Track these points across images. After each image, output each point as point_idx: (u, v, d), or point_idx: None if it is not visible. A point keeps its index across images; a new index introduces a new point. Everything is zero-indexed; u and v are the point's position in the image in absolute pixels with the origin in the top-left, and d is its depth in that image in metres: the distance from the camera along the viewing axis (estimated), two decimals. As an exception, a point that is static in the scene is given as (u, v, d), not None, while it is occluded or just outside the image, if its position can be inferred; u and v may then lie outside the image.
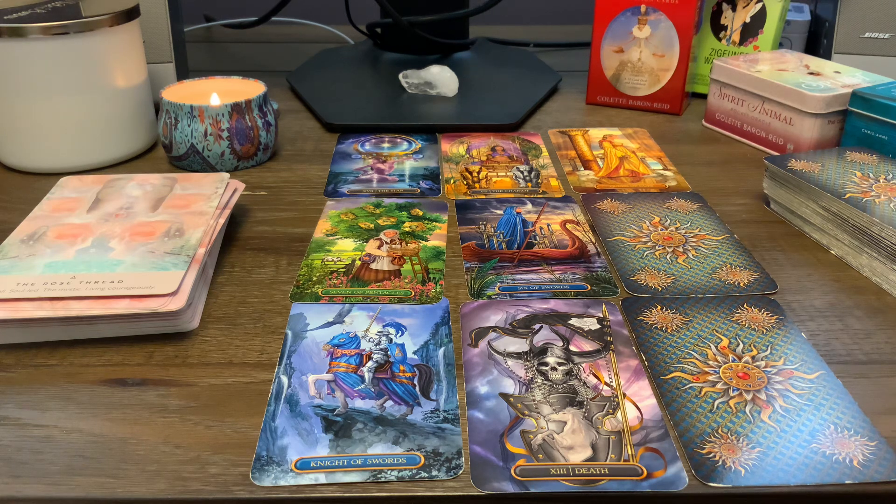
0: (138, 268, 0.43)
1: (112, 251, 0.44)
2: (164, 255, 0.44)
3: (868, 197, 0.49)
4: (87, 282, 0.41)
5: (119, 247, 0.45)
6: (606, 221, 0.55)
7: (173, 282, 0.41)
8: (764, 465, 0.33)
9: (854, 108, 0.62)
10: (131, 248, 0.45)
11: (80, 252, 0.44)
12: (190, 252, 0.44)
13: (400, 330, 0.43)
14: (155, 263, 0.43)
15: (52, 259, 0.44)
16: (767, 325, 0.43)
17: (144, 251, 0.44)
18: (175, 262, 0.43)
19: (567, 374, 0.39)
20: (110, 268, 0.43)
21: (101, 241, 0.46)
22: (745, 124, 0.70)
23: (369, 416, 0.36)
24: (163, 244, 0.45)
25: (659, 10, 0.75)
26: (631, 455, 0.34)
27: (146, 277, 0.42)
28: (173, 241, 0.45)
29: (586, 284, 0.47)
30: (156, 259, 0.44)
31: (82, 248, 0.45)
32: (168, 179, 0.54)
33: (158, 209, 0.50)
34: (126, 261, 0.43)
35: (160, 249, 0.45)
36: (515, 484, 0.32)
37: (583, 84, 0.84)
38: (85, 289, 0.41)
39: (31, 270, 0.43)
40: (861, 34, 0.80)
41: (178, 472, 0.33)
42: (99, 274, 0.42)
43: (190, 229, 0.47)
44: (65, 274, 0.42)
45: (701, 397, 0.37)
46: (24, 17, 0.59)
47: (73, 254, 0.44)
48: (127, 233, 0.47)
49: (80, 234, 0.47)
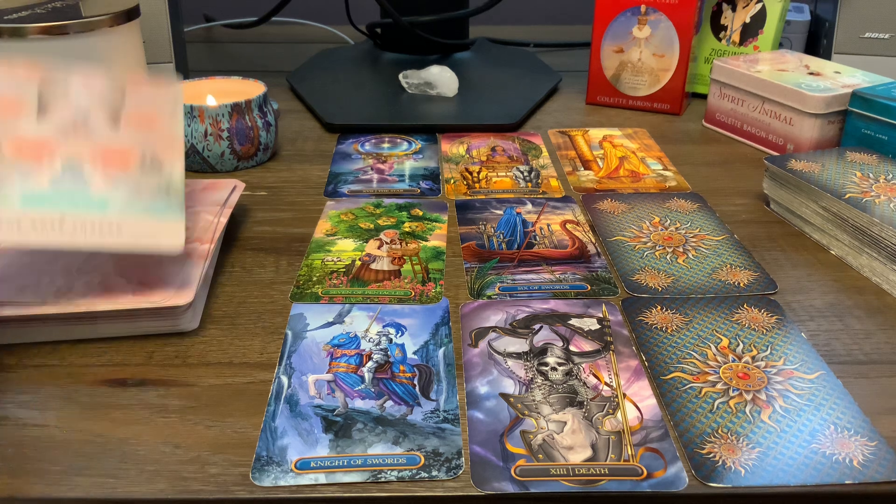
0: (129, 210, 0.40)
1: (90, 184, 0.41)
2: (152, 195, 0.41)
3: (868, 197, 0.49)
4: (79, 224, 0.39)
5: (95, 178, 0.41)
6: (606, 221, 0.55)
7: (176, 232, 0.40)
8: (764, 465, 0.33)
9: (854, 109, 0.62)
10: (110, 180, 0.41)
11: (55, 182, 0.40)
12: (178, 194, 0.42)
13: (400, 330, 0.43)
14: (145, 206, 0.41)
15: (27, 187, 0.39)
16: (767, 326, 0.43)
17: (127, 188, 0.41)
18: (168, 205, 0.41)
19: (567, 375, 0.39)
20: (98, 207, 0.40)
21: (72, 166, 0.41)
22: (745, 124, 0.70)
23: (369, 417, 0.36)
24: (144, 179, 0.42)
25: (659, 10, 0.75)
26: (631, 455, 0.34)
27: (144, 225, 0.40)
28: (154, 176, 0.42)
29: (586, 284, 0.47)
30: (144, 200, 0.41)
31: (54, 175, 0.40)
32: (113, 83, 0.45)
33: (119, 125, 0.43)
34: (111, 199, 0.40)
35: (144, 186, 0.41)
36: (515, 484, 0.32)
37: (583, 84, 0.84)
38: (80, 232, 0.38)
39: (7, 201, 0.39)
40: (861, 34, 0.80)
41: (178, 472, 0.33)
42: (89, 214, 0.39)
43: (166, 160, 0.43)
44: (51, 210, 0.39)
45: (701, 397, 0.37)
46: (24, 17, 0.59)
47: (47, 182, 0.40)
48: (98, 158, 0.41)
49: (44, 153, 0.41)
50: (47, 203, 0.39)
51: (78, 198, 0.40)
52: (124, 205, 0.40)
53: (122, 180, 0.41)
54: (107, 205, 0.40)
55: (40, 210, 0.39)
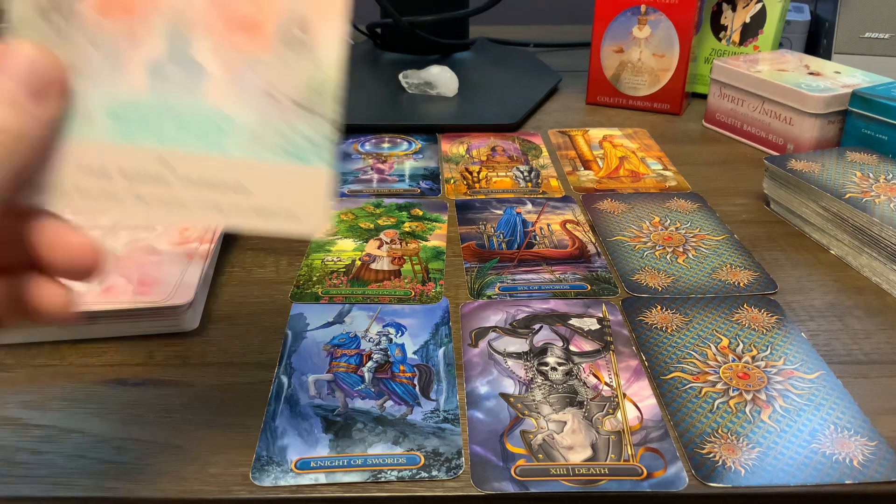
0: (260, 144, 0.25)
1: (204, 78, 0.25)
2: (295, 114, 0.25)
3: (868, 197, 0.49)
4: (186, 179, 0.25)
5: (212, 64, 0.25)
6: (606, 221, 0.55)
7: (319, 206, 0.26)
8: (764, 465, 0.33)
9: (854, 109, 0.62)
10: (234, 73, 0.25)
11: (155, 76, 0.25)
12: (331, 97, 0.26)
13: (400, 330, 0.43)
14: (285, 140, 0.25)
15: (116, 91, 0.25)
16: (767, 325, 0.43)
17: (259, 91, 0.25)
18: (313, 140, 0.25)
19: (567, 374, 0.39)
20: (216, 142, 0.25)
21: (179, 39, 0.25)
22: (745, 124, 0.70)
23: (369, 416, 0.36)
24: (285, 70, 0.25)
25: (659, 10, 0.75)
26: (631, 455, 0.34)
27: (280, 188, 0.25)
28: (300, 59, 0.25)
29: (586, 284, 0.47)
30: (285, 126, 0.25)
31: (153, 60, 0.25)
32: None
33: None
34: (236, 120, 0.25)
35: (284, 90, 0.25)
36: (515, 484, 0.32)
37: (583, 84, 0.84)
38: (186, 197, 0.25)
39: (89, 126, 0.24)
40: (861, 34, 0.80)
41: (178, 472, 0.33)
42: (202, 161, 0.25)
43: (319, 25, 0.25)
44: (149, 151, 0.25)
45: (701, 397, 0.37)
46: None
47: (144, 79, 0.25)
48: (215, 20, 0.25)
49: (138, 11, 0.25)
50: (143, 128, 0.25)
51: (187, 115, 0.25)
52: (254, 130, 0.25)
53: (251, 70, 0.25)
54: (229, 131, 0.25)
55: (133, 146, 0.25)
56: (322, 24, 0.25)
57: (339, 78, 0.25)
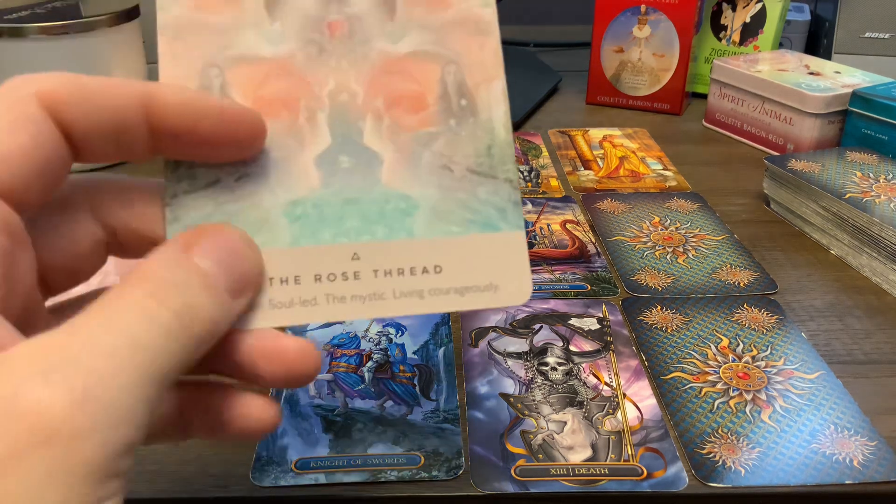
0: (447, 225, 0.24)
1: (377, 163, 0.24)
2: (474, 182, 0.24)
3: (868, 197, 0.49)
4: (382, 271, 0.23)
5: (383, 147, 0.24)
6: (606, 221, 0.55)
7: (518, 272, 0.24)
8: (764, 465, 0.33)
9: (854, 108, 0.62)
10: (406, 152, 0.24)
11: (326, 169, 0.23)
12: (505, 157, 0.24)
13: (400, 330, 0.43)
14: (469, 211, 0.24)
15: (290, 193, 0.23)
16: (767, 325, 0.43)
17: (434, 166, 0.24)
18: (497, 205, 0.24)
19: (567, 374, 0.39)
20: (402, 226, 0.23)
21: (346, 128, 0.24)
22: (745, 124, 0.70)
23: (369, 416, 0.36)
24: (455, 140, 0.24)
25: (659, 10, 0.75)
26: (631, 455, 0.34)
27: (474, 260, 0.24)
28: (468, 131, 0.24)
29: (586, 284, 0.47)
30: (465, 196, 0.24)
31: (321, 154, 0.23)
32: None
33: (396, 18, 0.25)
34: (417, 199, 0.24)
35: (458, 160, 0.24)
36: (515, 484, 0.32)
37: (583, 84, 0.84)
38: (384, 287, 0.23)
39: (272, 234, 0.23)
40: (861, 34, 0.80)
41: (178, 472, 0.33)
42: (391, 248, 0.23)
43: (478, 86, 0.24)
44: (337, 248, 0.23)
45: (701, 397, 0.37)
46: (24, 17, 0.59)
47: (315, 174, 0.23)
48: (383, 103, 0.24)
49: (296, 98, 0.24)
50: (326, 225, 0.23)
51: (366, 203, 0.23)
52: (437, 206, 0.24)
53: (422, 147, 0.24)
54: (412, 213, 0.24)
55: (320, 246, 0.23)
56: (481, 87, 0.24)
57: (508, 137, 0.24)
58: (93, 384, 0.16)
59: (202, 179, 0.22)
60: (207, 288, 0.19)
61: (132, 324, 0.18)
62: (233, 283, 0.20)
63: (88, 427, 0.16)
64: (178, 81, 0.22)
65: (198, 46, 0.23)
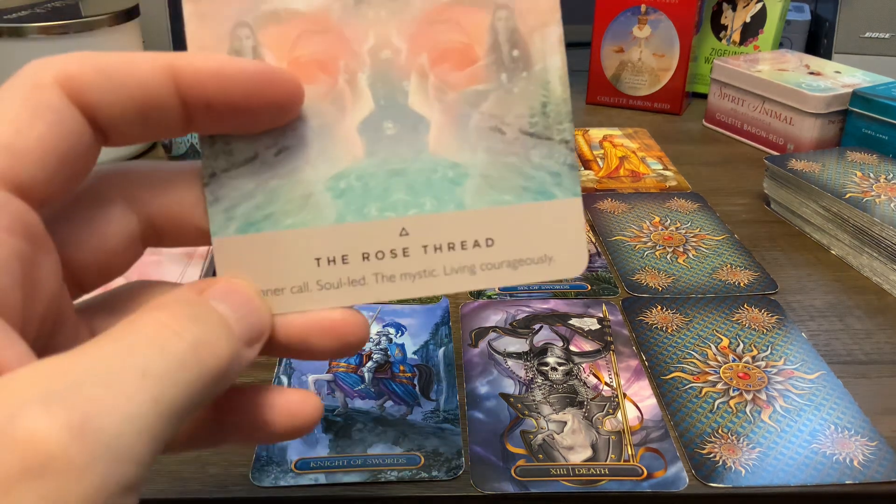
0: (498, 193, 0.22)
1: (424, 127, 0.22)
2: (526, 144, 0.22)
3: (868, 197, 0.49)
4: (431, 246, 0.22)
5: (430, 110, 0.22)
6: (606, 221, 0.55)
7: (574, 242, 0.22)
8: (764, 465, 0.33)
9: (854, 108, 0.62)
10: (453, 114, 0.22)
11: (370, 137, 0.22)
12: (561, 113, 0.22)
13: (400, 330, 0.43)
14: (522, 177, 0.22)
15: (333, 165, 0.21)
16: (768, 325, 0.43)
17: (483, 128, 0.22)
18: (551, 169, 0.22)
19: (567, 375, 0.39)
20: (451, 197, 0.22)
21: (389, 90, 0.22)
22: (745, 124, 0.70)
23: (369, 417, 0.36)
24: (506, 97, 0.22)
25: (659, 9, 0.75)
26: (631, 455, 0.34)
27: (528, 231, 0.22)
28: (520, 86, 0.22)
29: (586, 284, 0.47)
30: (518, 160, 0.22)
31: (364, 120, 0.22)
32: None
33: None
34: (466, 167, 0.22)
35: (510, 121, 0.22)
36: (515, 484, 0.32)
37: (583, 84, 0.84)
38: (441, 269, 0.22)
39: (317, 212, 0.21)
40: (861, 34, 0.80)
41: (177, 472, 0.33)
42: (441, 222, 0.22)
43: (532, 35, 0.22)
44: (384, 224, 0.21)
45: (701, 397, 0.37)
46: (24, 16, 0.59)
47: (359, 143, 0.22)
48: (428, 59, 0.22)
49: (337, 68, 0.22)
50: (371, 199, 0.22)
51: (413, 173, 0.22)
52: (488, 174, 0.22)
53: (471, 107, 0.22)
54: (462, 181, 0.22)
55: (367, 222, 0.21)
56: (535, 34, 0.22)
57: (565, 92, 0.22)
58: (94, 414, 0.15)
59: (240, 155, 0.21)
60: (223, 327, 0.19)
61: (144, 352, 0.16)
62: (246, 330, 0.20)
63: (85, 461, 0.14)
64: (207, 45, 0.21)
65: (226, 4, 0.21)
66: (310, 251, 0.21)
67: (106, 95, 0.18)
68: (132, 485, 0.15)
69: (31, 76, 0.18)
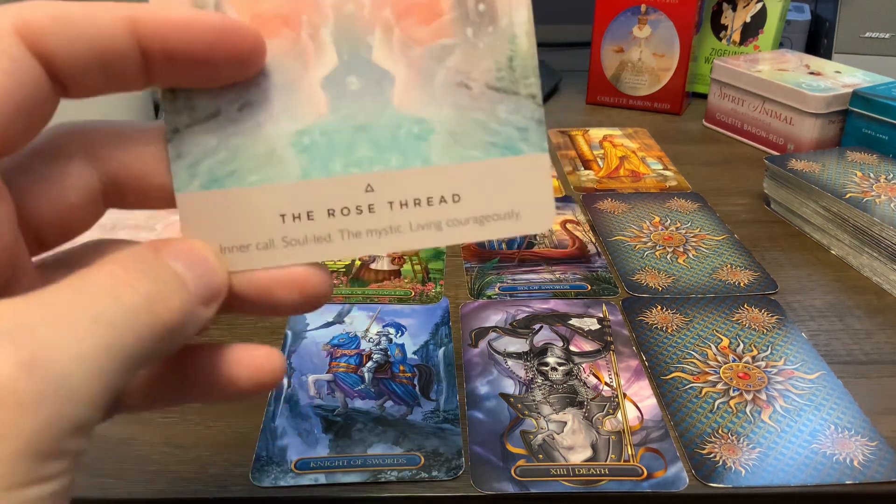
0: (465, 149, 0.22)
1: (388, 82, 0.22)
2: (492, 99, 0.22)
3: (868, 197, 0.49)
4: (397, 202, 0.22)
5: (394, 64, 0.22)
6: (606, 221, 0.55)
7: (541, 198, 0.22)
8: (764, 465, 0.33)
9: (854, 108, 0.62)
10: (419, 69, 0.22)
11: (333, 92, 0.21)
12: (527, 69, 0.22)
13: (400, 330, 0.43)
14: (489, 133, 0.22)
15: (297, 121, 0.21)
16: (768, 326, 0.43)
17: (449, 83, 0.22)
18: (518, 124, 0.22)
19: (567, 375, 0.39)
20: (416, 152, 0.22)
21: (353, 44, 0.21)
22: (745, 124, 0.70)
23: (369, 417, 0.36)
24: (472, 52, 0.22)
25: (659, 9, 0.75)
26: (631, 455, 0.34)
27: (494, 187, 0.22)
28: (487, 41, 0.22)
29: (586, 284, 0.47)
30: (484, 116, 0.22)
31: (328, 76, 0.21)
32: None
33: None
34: (432, 122, 0.22)
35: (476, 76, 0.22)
36: (515, 484, 0.32)
37: (583, 84, 0.84)
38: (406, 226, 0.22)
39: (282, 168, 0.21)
40: (861, 34, 0.80)
41: (178, 472, 0.33)
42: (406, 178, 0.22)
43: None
44: (349, 179, 0.21)
45: (701, 397, 0.37)
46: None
47: (323, 99, 0.21)
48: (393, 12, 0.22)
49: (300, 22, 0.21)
50: (336, 155, 0.21)
51: (378, 128, 0.22)
52: (453, 129, 0.22)
53: (436, 62, 0.22)
54: (427, 137, 0.22)
55: (331, 178, 0.21)
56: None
57: (531, 46, 0.22)
58: (44, 352, 0.15)
59: (202, 111, 0.21)
60: (178, 283, 0.19)
61: (96, 300, 0.17)
62: (202, 289, 0.20)
63: (33, 398, 0.14)
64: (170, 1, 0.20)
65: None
66: (274, 207, 0.21)
67: (64, 44, 0.18)
68: (82, 425, 0.15)
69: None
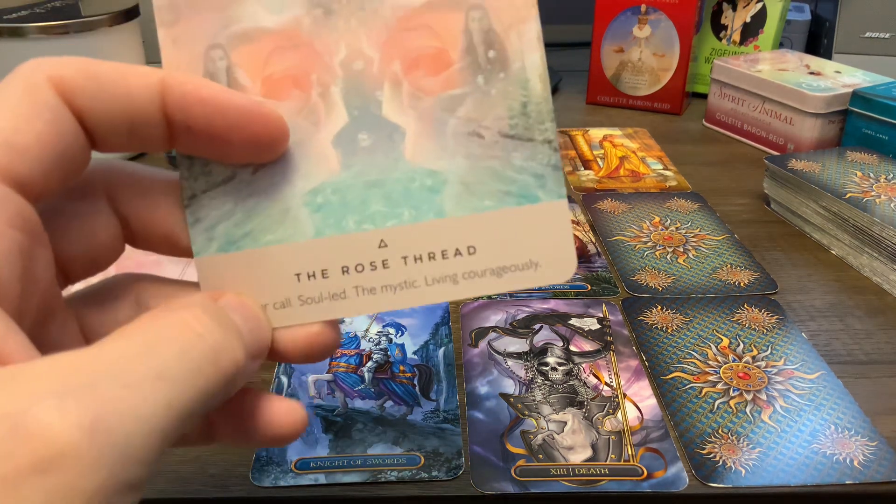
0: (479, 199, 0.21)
1: (399, 136, 0.22)
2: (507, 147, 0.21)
3: (869, 197, 0.49)
4: (412, 257, 0.21)
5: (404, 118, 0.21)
6: (606, 221, 0.55)
7: (561, 247, 0.22)
8: (764, 465, 0.33)
9: (854, 108, 0.62)
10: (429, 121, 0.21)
11: (345, 149, 0.21)
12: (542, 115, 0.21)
13: (400, 330, 0.43)
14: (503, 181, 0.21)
15: (310, 180, 0.21)
16: (768, 325, 0.43)
17: (461, 133, 0.21)
18: (534, 171, 0.21)
19: (567, 375, 0.39)
20: (430, 205, 0.21)
21: (362, 101, 0.21)
22: (745, 124, 0.70)
23: (369, 417, 0.36)
24: (484, 100, 0.21)
25: (659, 9, 0.75)
26: (631, 455, 0.34)
27: (511, 237, 0.21)
28: (498, 87, 0.21)
29: (586, 284, 0.47)
30: (499, 164, 0.21)
31: (338, 133, 0.22)
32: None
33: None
34: (445, 174, 0.21)
35: (488, 123, 0.21)
36: (515, 484, 0.32)
37: (583, 84, 0.84)
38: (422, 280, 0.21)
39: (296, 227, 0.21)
40: (861, 34, 0.80)
41: (178, 472, 0.33)
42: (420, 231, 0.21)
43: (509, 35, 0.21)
44: (363, 236, 0.21)
45: (701, 397, 0.37)
46: (24, 16, 0.59)
47: (334, 156, 0.21)
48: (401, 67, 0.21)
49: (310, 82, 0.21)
50: (349, 212, 0.21)
51: (390, 183, 0.21)
52: (467, 179, 0.21)
53: (447, 112, 0.22)
54: (441, 189, 0.21)
55: (345, 235, 0.21)
56: (512, 33, 0.21)
57: (545, 90, 0.21)
58: (107, 413, 0.15)
59: (218, 175, 0.21)
60: (238, 335, 0.19)
61: (163, 354, 0.16)
62: (253, 343, 0.20)
63: (93, 462, 0.15)
64: (182, 68, 0.21)
65: (198, 27, 0.21)
66: (290, 267, 0.21)
67: (95, 102, 0.18)
68: (136, 484, 0.16)
69: (27, 76, 0.18)
